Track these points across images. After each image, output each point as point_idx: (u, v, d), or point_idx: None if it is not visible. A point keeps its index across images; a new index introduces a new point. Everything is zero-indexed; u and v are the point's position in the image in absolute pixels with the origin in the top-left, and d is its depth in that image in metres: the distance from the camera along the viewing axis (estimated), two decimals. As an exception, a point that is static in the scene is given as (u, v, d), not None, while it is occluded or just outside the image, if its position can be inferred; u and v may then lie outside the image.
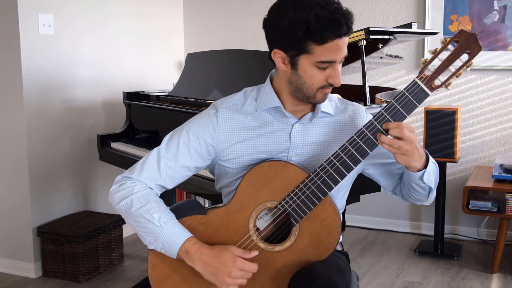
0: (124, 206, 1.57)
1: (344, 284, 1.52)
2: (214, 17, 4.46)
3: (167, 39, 4.38)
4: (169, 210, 1.57)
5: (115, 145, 3.39)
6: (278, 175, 1.54)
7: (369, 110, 1.76)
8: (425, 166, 1.55)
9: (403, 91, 1.50)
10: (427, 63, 1.50)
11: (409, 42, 3.84)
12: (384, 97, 2.90)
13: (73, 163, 3.55)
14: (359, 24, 3.89)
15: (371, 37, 2.75)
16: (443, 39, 1.52)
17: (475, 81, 3.77)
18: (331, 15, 1.46)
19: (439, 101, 3.84)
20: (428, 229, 3.95)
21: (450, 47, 1.49)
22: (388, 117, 1.49)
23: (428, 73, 1.50)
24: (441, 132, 3.37)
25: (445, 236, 3.67)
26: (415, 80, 1.50)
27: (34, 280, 3.27)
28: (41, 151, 3.31)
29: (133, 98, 3.50)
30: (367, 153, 1.50)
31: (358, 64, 2.96)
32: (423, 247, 3.68)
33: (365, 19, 3.96)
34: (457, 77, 1.51)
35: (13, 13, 3.10)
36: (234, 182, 1.65)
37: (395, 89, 3.22)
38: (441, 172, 3.50)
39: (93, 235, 3.26)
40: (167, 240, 1.51)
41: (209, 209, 1.58)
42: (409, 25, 3.13)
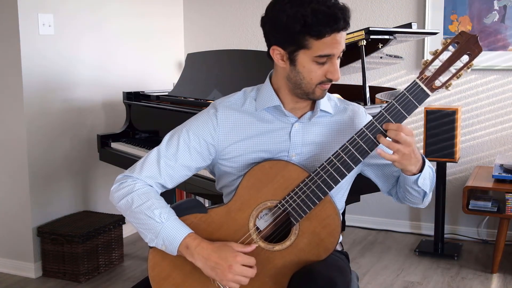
0: (125, 204, 1.58)
1: (344, 284, 1.53)
2: (214, 17, 4.46)
3: (167, 39, 4.38)
4: (169, 207, 1.57)
5: (115, 145, 3.39)
6: (278, 175, 1.54)
7: (369, 110, 1.76)
8: (421, 170, 1.56)
9: (403, 92, 1.50)
10: (427, 64, 1.50)
11: (409, 42, 3.84)
12: (384, 97, 2.90)
13: (73, 163, 3.55)
14: (359, 24, 3.89)
15: (371, 37, 2.75)
16: (443, 40, 1.52)
17: (475, 81, 3.77)
18: (328, 9, 1.47)
19: (439, 101, 3.84)
20: (428, 229, 3.95)
21: (450, 48, 1.50)
22: (388, 117, 1.50)
23: (428, 73, 1.50)
24: (441, 132, 3.37)
25: (445, 236, 3.67)
26: (415, 80, 1.50)
27: (34, 280, 3.27)
28: (41, 151, 3.31)
29: (133, 98, 3.50)
30: (368, 153, 1.51)
31: (358, 64, 2.96)
32: (423, 247, 3.68)
33: (365, 19, 3.96)
34: (458, 78, 1.52)
35: (13, 13, 3.10)
36: (234, 181, 1.65)
37: (395, 89, 3.21)
38: (441, 172, 3.50)
39: (93, 235, 3.26)
40: (168, 236, 1.51)
41: (210, 208, 1.58)
42: (409, 25, 3.13)
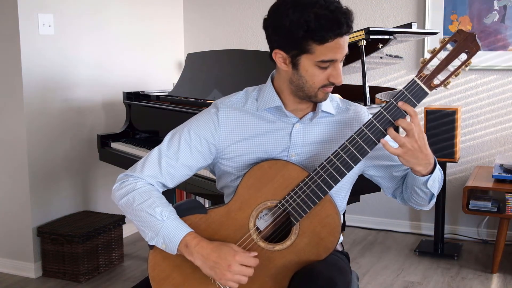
0: (126, 202, 1.58)
1: (344, 284, 1.53)
2: (214, 17, 4.46)
3: (167, 39, 4.38)
4: (170, 206, 1.58)
5: (115, 145, 3.39)
6: (278, 174, 1.54)
7: (369, 110, 1.76)
8: (431, 172, 1.56)
9: (402, 90, 1.50)
10: (426, 63, 1.51)
11: (409, 42, 3.84)
12: (384, 97, 2.90)
13: (73, 163, 3.55)
14: (359, 24, 3.89)
15: (371, 37, 2.75)
16: (442, 38, 1.52)
17: (475, 81, 3.77)
18: (331, 14, 1.46)
19: (439, 101, 3.84)
20: (428, 229, 3.95)
21: (449, 46, 1.50)
22: (387, 116, 1.50)
23: (427, 72, 1.50)
24: (441, 132, 3.37)
25: (445, 236, 3.67)
26: (414, 79, 1.51)
27: (34, 280, 3.27)
28: (41, 151, 3.31)
29: (133, 98, 3.50)
30: (367, 152, 1.51)
31: (358, 64, 2.96)
32: (423, 247, 3.68)
33: (365, 19, 3.97)
34: (456, 76, 1.52)
35: (13, 13, 3.11)
36: (235, 181, 1.65)
37: (395, 89, 3.21)
38: (441, 172, 3.50)
39: (93, 235, 3.26)
40: (168, 234, 1.51)
41: (210, 208, 1.58)
42: (409, 25, 3.13)
